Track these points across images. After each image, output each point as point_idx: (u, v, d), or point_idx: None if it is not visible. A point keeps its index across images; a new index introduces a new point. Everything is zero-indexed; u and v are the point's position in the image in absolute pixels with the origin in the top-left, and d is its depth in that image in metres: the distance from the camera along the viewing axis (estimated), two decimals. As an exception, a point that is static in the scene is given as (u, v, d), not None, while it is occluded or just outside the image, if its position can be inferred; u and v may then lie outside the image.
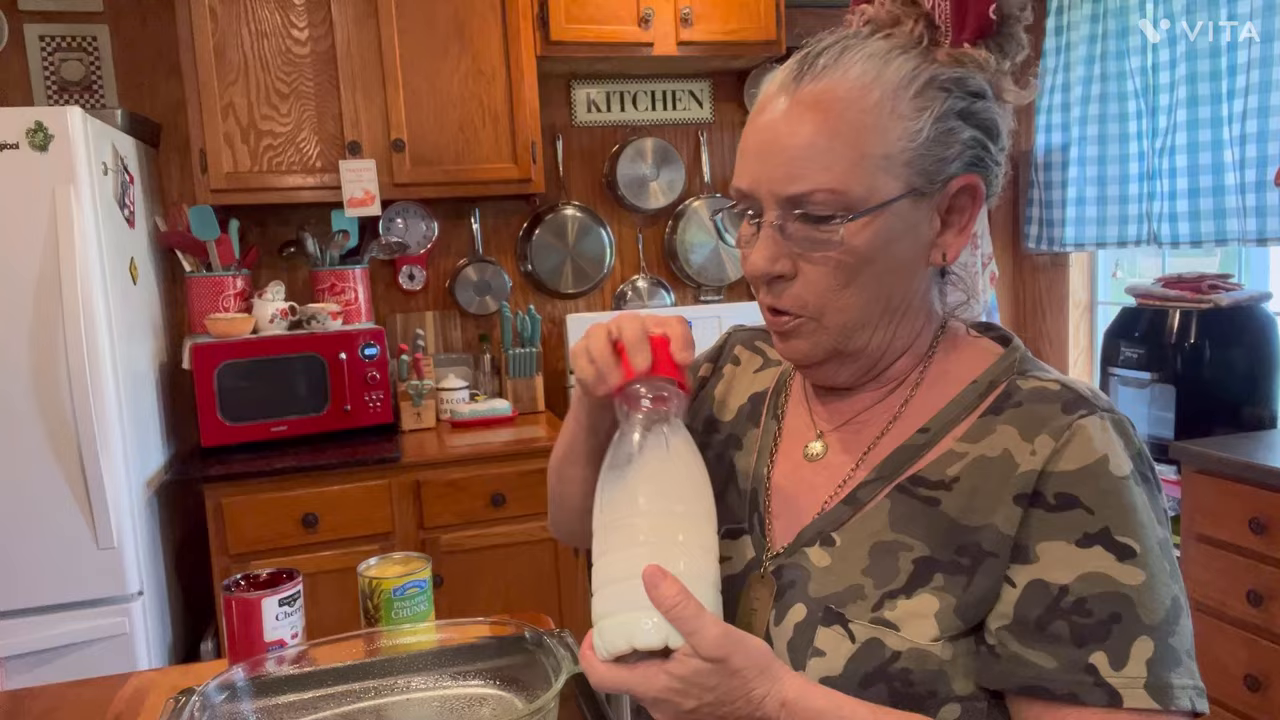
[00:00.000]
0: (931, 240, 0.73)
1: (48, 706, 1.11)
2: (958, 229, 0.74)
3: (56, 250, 1.98)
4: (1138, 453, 0.68)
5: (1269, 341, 2.37)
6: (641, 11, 2.68)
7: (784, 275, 0.73)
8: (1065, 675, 0.63)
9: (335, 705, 0.95)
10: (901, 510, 0.72)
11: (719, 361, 0.96)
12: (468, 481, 2.41)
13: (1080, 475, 0.66)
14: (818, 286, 0.72)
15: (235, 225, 2.61)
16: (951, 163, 0.71)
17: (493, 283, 3.01)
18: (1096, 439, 0.67)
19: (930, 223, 0.72)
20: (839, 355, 0.75)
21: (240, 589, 1.08)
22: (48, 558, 2.04)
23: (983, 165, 0.73)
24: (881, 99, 0.69)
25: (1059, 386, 0.71)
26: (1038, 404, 0.70)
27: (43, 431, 2.02)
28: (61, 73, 2.66)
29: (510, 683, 0.98)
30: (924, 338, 0.78)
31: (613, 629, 0.64)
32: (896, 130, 0.69)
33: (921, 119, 0.69)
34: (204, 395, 2.39)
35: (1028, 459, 0.68)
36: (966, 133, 0.71)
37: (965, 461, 0.71)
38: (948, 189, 0.72)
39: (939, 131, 0.70)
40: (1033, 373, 0.74)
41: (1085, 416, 0.68)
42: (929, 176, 0.70)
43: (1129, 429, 0.69)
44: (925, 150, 0.70)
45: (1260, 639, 2.00)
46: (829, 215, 0.69)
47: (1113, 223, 2.83)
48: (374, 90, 2.57)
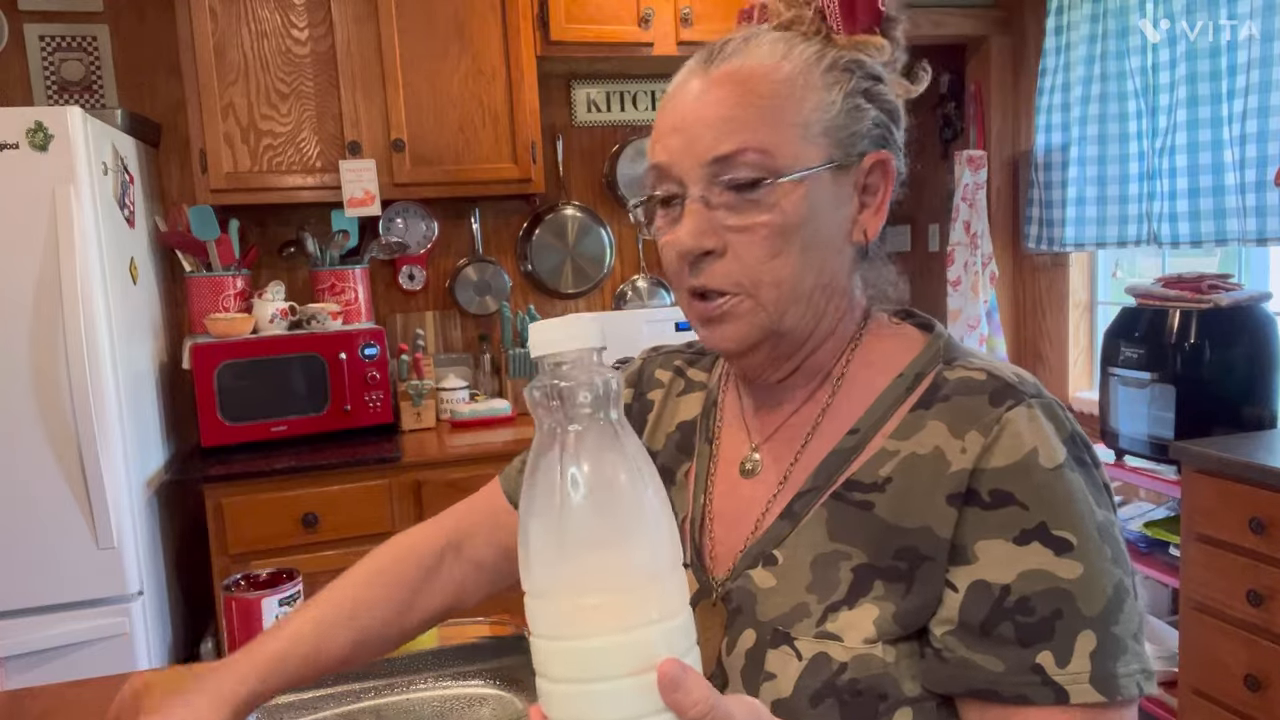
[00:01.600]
0: (852, 217, 0.73)
1: (48, 706, 1.11)
2: (874, 208, 0.74)
3: (56, 250, 1.98)
4: (1070, 436, 0.67)
5: (1269, 341, 2.37)
6: (641, 11, 2.68)
7: (713, 251, 0.71)
8: (1014, 677, 0.63)
9: (335, 705, 0.95)
10: (838, 518, 0.70)
11: (640, 387, 0.91)
12: (468, 481, 2.41)
13: (1013, 471, 0.65)
14: (749, 258, 0.70)
15: (235, 225, 2.61)
16: (863, 138, 0.72)
17: (493, 283, 3.01)
18: (1025, 431, 0.66)
19: (850, 199, 0.73)
20: (772, 337, 0.73)
21: (240, 589, 1.08)
22: (48, 558, 2.04)
23: (889, 146, 0.74)
24: (793, 72, 0.70)
25: (985, 376, 0.70)
26: (965, 396, 0.69)
27: (43, 431, 2.02)
28: (61, 73, 2.66)
29: (510, 683, 0.98)
30: (846, 325, 0.77)
31: None
32: (811, 100, 0.70)
33: (833, 92, 0.71)
34: (204, 395, 2.39)
35: (959, 457, 0.67)
36: (872, 112, 0.72)
37: (896, 460, 0.69)
38: (862, 164, 0.72)
39: (849, 107, 0.71)
40: (958, 361, 0.73)
41: (1012, 408, 0.67)
42: (845, 148, 0.71)
43: (1059, 412, 0.68)
44: (840, 122, 0.71)
45: (1260, 639, 2.00)
46: (758, 178, 0.69)
47: (1113, 223, 2.83)
48: (374, 90, 2.57)
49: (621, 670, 0.48)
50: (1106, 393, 2.56)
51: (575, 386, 0.50)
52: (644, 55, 2.74)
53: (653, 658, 0.48)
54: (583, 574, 0.50)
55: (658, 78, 3.10)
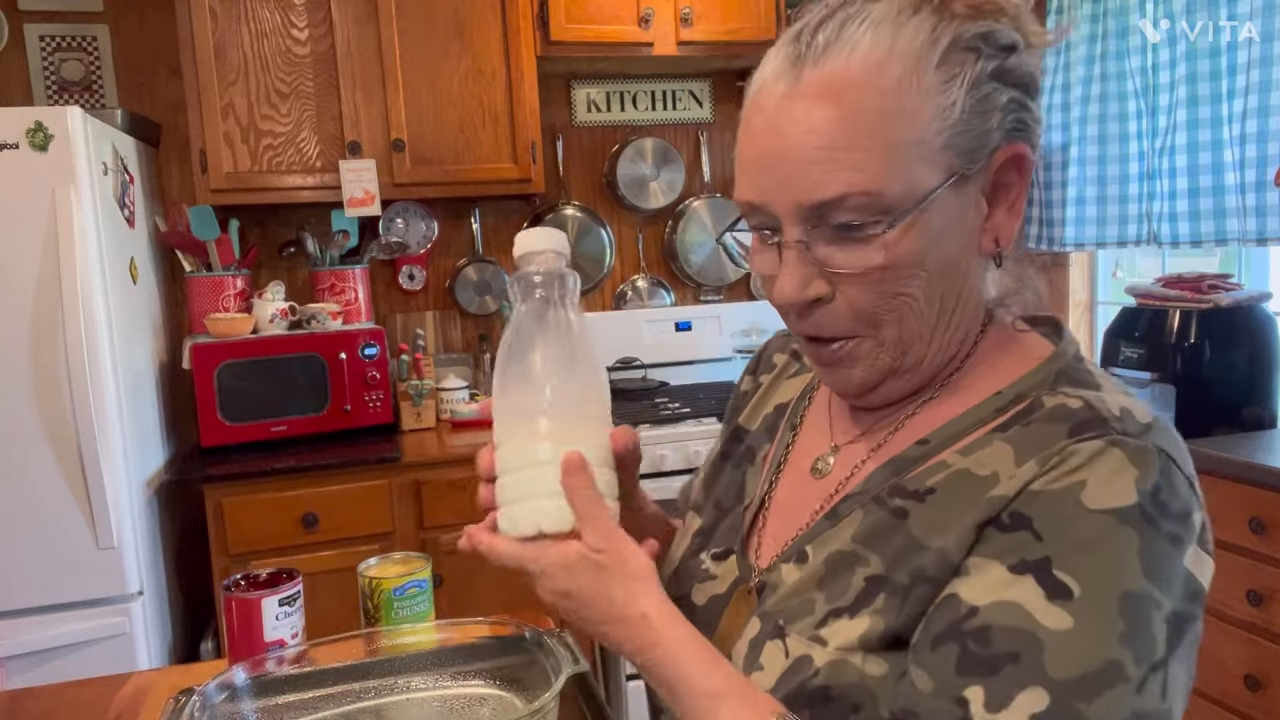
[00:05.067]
0: (979, 225, 0.64)
1: (48, 706, 1.11)
2: (1007, 207, 0.64)
3: (56, 250, 1.98)
4: (1152, 490, 0.55)
5: (1269, 341, 2.37)
6: (641, 11, 2.68)
7: (821, 299, 0.63)
8: (935, 702, 0.56)
9: (335, 705, 0.95)
10: (870, 521, 0.65)
11: (757, 372, 0.91)
12: (468, 481, 2.41)
13: (1045, 498, 0.57)
14: (863, 303, 0.63)
15: (235, 225, 2.61)
16: (993, 134, 0.61)
17: (493, 283, 3.01)
18: (1087, 464, 0.57)
19: (976, 207, 0.63)
20: (894, 374, 0.66)
21: (240, 589, 1.08)
22: (48, 558, 2.04)
23: (1025, 129, 0.63)
24: (903, 75, 0.58)
25: (1080, 404, 0.60)
26: (1047, 424, 0.60)
27: (43, 431, 2.02)
28: (61, 73, 2.66)
29: (510, 683, 0.98)
30: (970, 335, 0.68)
31: (523, 514, 0.69)
32: (927, 109, 0.59)
33: (952, 90, 0.59)
34: (204, 395, 2.39)
35: (1007, 483, 0.59)
36: (1005, 95, 0.61)
37: (948, 473, 0.63)
38: (991, 164, 0.62)
39: (974, 101, 0.60)
40: (1064, 388, 0.63)
41: (1088, 440, 0.57)
42: (970, 156, 0.60)
43: (1153, 460, 0.56)
44: (963, 127, 0.59)
45: (1260, 639, 2.00)
46: (866, 222, 0.60)
47: (1113, 223, 2.83)
48: (374, 90, 2.57)
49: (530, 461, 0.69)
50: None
51: (539, 274, 0.72)
52: (644, 55, 2.74)
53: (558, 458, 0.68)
54: (517, 397, 0.71)
55: (658, 78, 3.10)
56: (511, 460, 0.71)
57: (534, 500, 0.69)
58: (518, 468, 0.70)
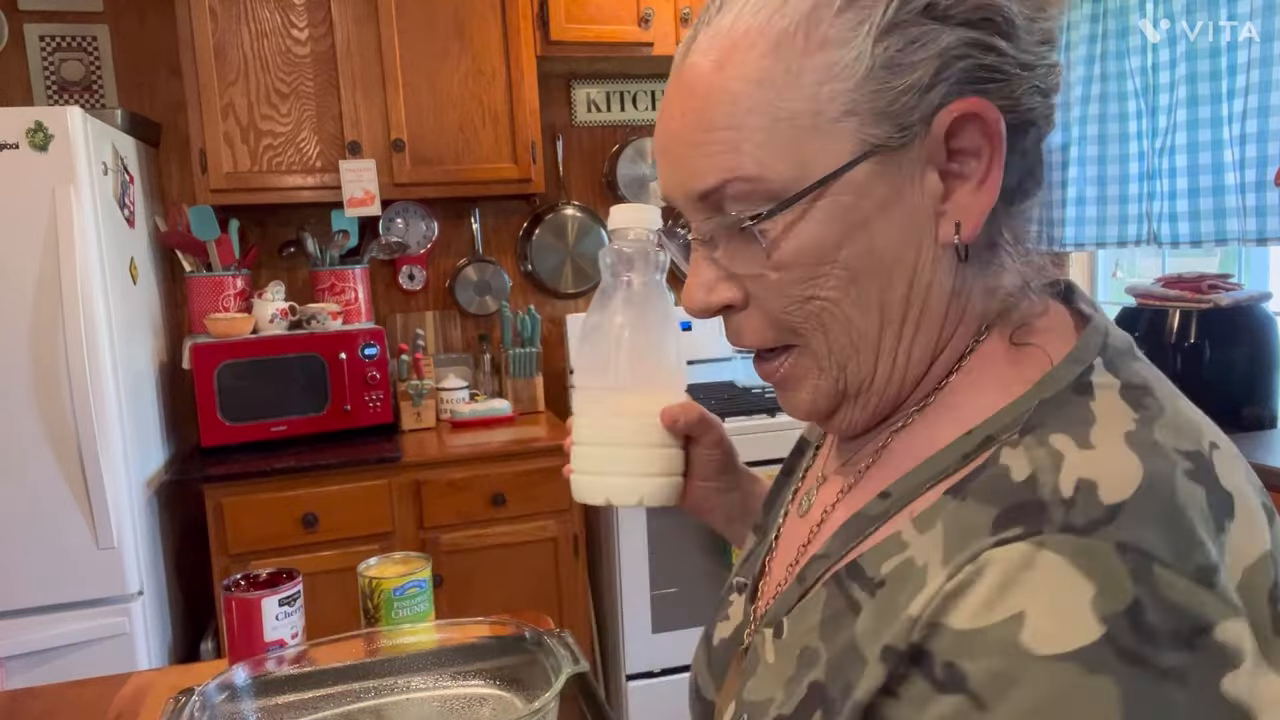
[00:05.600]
0: (931, 208, 0.50)
1: (48, 706, 1.11)
2: (975, 181, 0.49)
3: (56, 250, 1.98)
4: (1129, 609, 0.39)
5: (1269, 341, 2.37)
6: (641, 11, 2.68)
7: (733, 305, 0.55)
8: None
9: (335, 705, 0.95)
10: (832, 608, 0.52)
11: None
12: (468, 481, 2.41)
13: (980, 642, 0.41)
14: (773, 308, 0.53)
15: (235, 225, 2.61)
16: (927, 90, 0.47)
17: (493, 283, 3.01)
18: (1013, 582, 0.41)
19: (921, 184, 0.49)
20: (848, 399, 0.55)
21: (240, 589, 1.08)
22: (48, 558, 2.04)
23: (991, 79, 0.48)
24: (791, 29, 0.47)
25: (1025, 477, 0.44)
26: (980, 502, 0.46)
27: (43, 431, 2.02)
28: (61, 73, 2.66)
29: (510, 683, 0.98)
30: (956, 343, 0.54)
31: (593, 486, 0.75)
32: (820, 69, 0.47)
33: (856, 40, 0.47)
34: (204, 395, 2.39)
35: (919, 597, 0.45)
36: (945, 36, 0.47)
37: (899, 560, 0.49)
38: (933, 129, 0.48)
39: (890, 52, 0.47)
40: (1038, 431, 0.47)
41: (1010, 543, 0.42)
42: (894, 120, 0.47)
43: (1113, 566, 0.40)
44: (875, 85, 0.47)
45: (1260, 639, 2.00)
46: (752, 214, 0.50)
47: (1113, 223, 2.83)
48: (374, 90, 2.57)
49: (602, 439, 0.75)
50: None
51: (623, 251, 0.74)
52: (644, 55, 2.74)
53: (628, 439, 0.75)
54: (593, 372, 0.75)
55: (658, 78, 3.10)
56: (586, 434, 0.76)
57: (603, 477, 0.75)
58: (591, 442, 0.76)
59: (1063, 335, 0.53)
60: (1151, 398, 0.48)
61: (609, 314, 0.74)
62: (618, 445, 0.74)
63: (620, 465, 0.74)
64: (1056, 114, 0.54)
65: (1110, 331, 0.53)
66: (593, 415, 0.76)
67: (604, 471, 0.75)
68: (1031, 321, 0.53)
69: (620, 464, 0.74)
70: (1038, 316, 0.54)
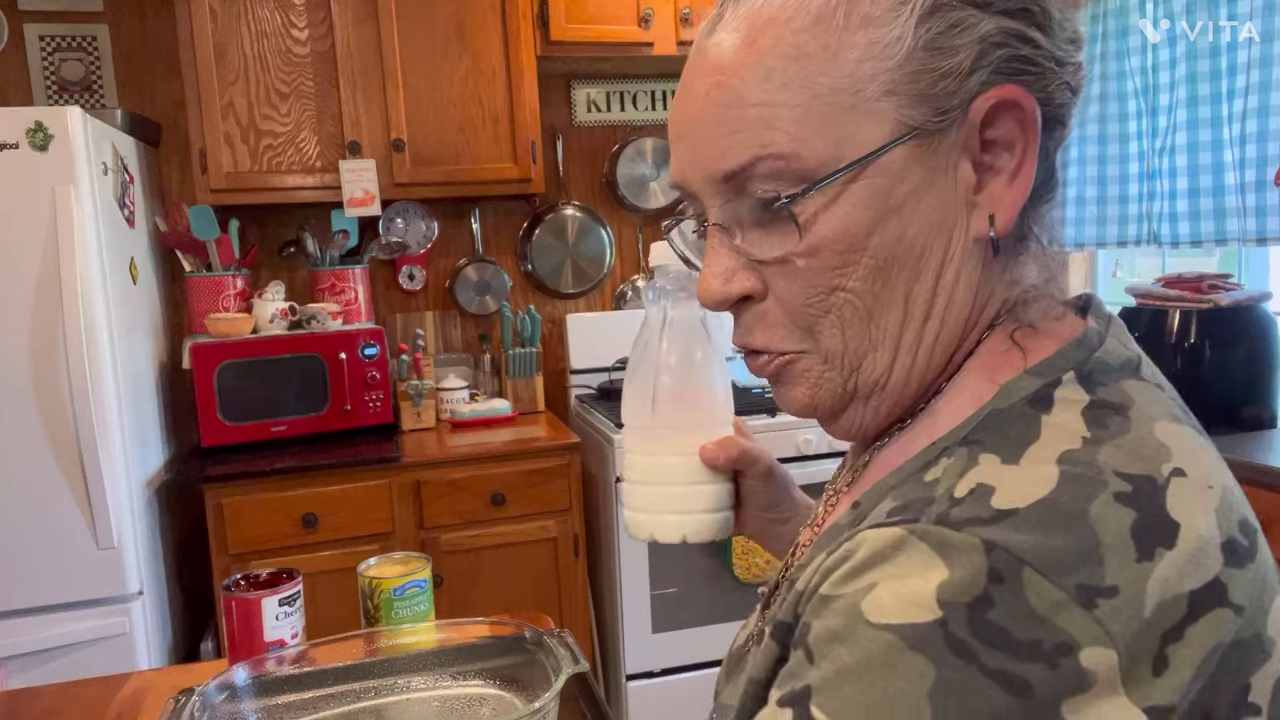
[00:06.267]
0: (964, 199, 0.49)
1: (48, 706, 1.11)
2: (1009, 173, 0.48)
3: (56, 250, 1.98)
4: (975, 603, 0.38)
5: (1269, 341, 2.37)
6: (641, 11, 2.68)
7: (751, 296, 0.52)
8: None
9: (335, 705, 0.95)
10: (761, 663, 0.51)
11: None
12: (468, 481, 2.41)
13: (830, 605, 0.42)
14: (795, 300, 0.50)
15: (235, 225, 2.61)
16: (967, 75, 0.46)
17: (493, 283, 3.01)
18: (875, 558, 0.42)
19: (955, 173, 0.48)
20: (857, 399, 0.53)
21: (240, 589, 1.08)
22: (48, 558, 2.04)
23: (1026, 70, 0.47)
24: (832, 4, 0.46)
25: (938, 474, 0.45)
26: (875, 501, 0.48)
27: (43, 431, 2.02)
28: (61, 73, 2.66)
29: (510, 683, 0.98)
30: (966, 347, 0.52)
31: (640, 524, 0.77)
32: (861, 46, 0.46)
33: (899, 21, 0.46)
34: (204, 395, 2.39)
35: (807, 571, 0.47)
36: (985, 23, 0.46)
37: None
38: (970, 115, 0.47)
39: (933, 34, 0.46)
40: (976, 447, 0.45)
41: (888, 525, 0.43)
42: (934, 104, 0.46)
43: (977, 560, 0.39)
44: (915, 66, 0.46)
45: (1260, 639, 2.00)
46: (784, 195, 0.48)
47: (1113, 223, 2.83)
48: (374, 90, 2.57)
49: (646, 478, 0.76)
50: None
51: (674, 286, 0.73)
52: (644, 55, 2.74)
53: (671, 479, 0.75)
54: (637, 410, 0.75)
55: (658, 78, 3.10)
56: (634, 472, 0.77)
57: (649, 514, 0.76)
58: (638, 480, 0.77)
59: (1056, 343, 0.50)
60: (1120, 417, 0.45)
61: (650, 350, 0.74)
62: (662, 484, 0.75)
63: (665, 504, 0.75)
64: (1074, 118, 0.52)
65: (1107, 347, 0.50)
66: (638, 453, 0.77)
67: (650, 509, 0.76)
68: (1040, 325, 0.51)
69: (665, 502, 0.75)
70: (1050, 321, 0.52)
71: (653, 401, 0.73)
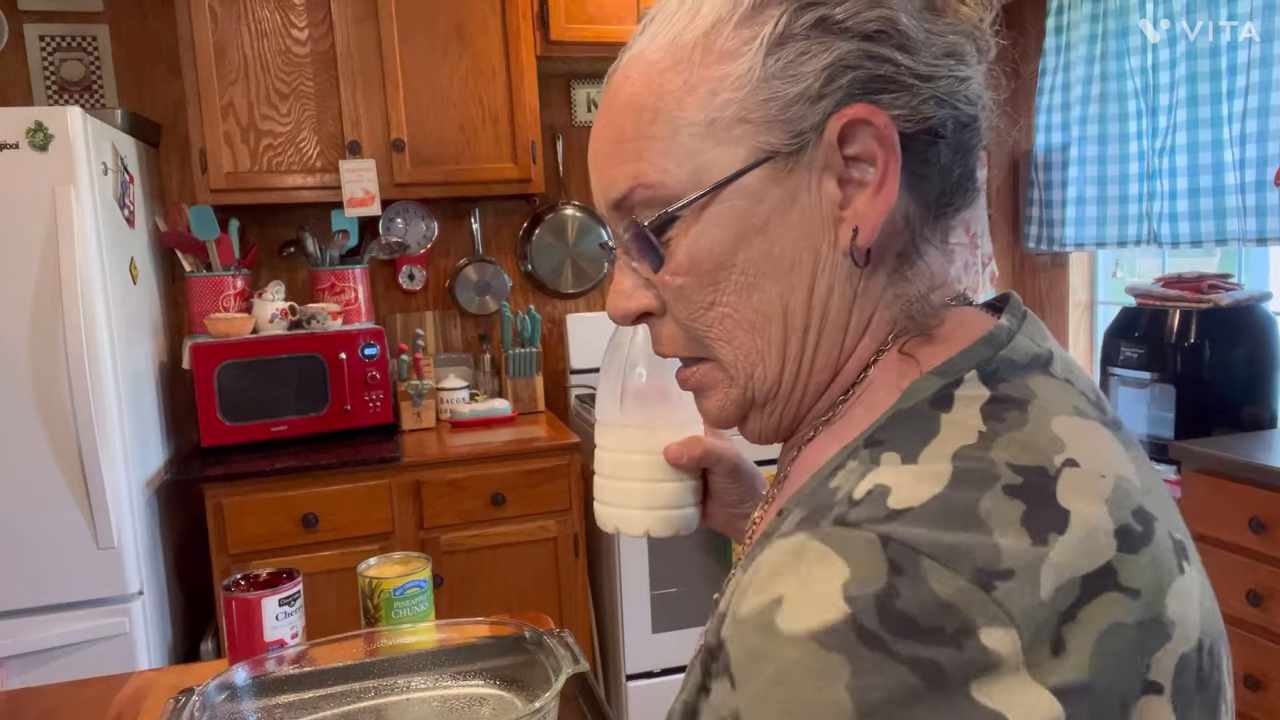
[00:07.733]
0: (831, 214, 0.51)
1: (48, 706, 1.11)
2: (873, 188, 0.50)
3: (56, 250, 1.98)
4: (880, 595, 0.39)
5: (1269, 341, 2.37)
6: (641, 11, 2.67)
7: (651, 312, 0.57)
8: None
9: (335, 705, 0.95)
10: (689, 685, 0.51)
11: None
12: (468, 481, 2.41)
13: (744, 626, 0.43)
14: (682, 316, 0.55)
15: (235, 225, 2.61)
16: (817, 99, 0.49)
17: (493, 283, 3.01)
18: (779, 568, 0.42)
19: (818, 191, 0.51)
20: (756, 407, 0.57)
21: (240, 589, 1.08)
22: (48, 558, 2.04)
23: (886, 89, 0.49)
24: (690, 44, 0.51)
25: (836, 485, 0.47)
26: (799, 511, 0.48)
27: (43, 431, 2.02)
28: (61, 73, 2.66)
29: (510, 683, 0.98)
30: (860, 355, 0.54)
31: (607, 516, 0.79)
32: (714, 80, 0.50)
33: (749, 54, 0.49)
34: (204, 395, 2.39)
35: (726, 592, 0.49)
36: (836, 48, 0.49)
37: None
38: (825, 135, 0.49)
39: (781, 63, 0.49)
40: (878, 448, 0.47)
41: (788, 535, 0.44)
42: (786, 127, 0.49)
43: (874, 553, 0.40)
44: (765, 94, 0.49)
45: (1260, 639, 2.00)
46: (650, 220, 0.52)
47: (1113, 223, 2.83)
48: (374, 90, 2.57)
49: (612, 472, 0.78)
50: (1106, 392, 2.56)
51: None
52: (644, 55, 2.74)
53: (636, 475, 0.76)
54: (606, 405, 0.77)
55: (658, 78, 3.10)
56: (604, 467, 0.79)
57: (615, 508, 0.78)
58: (606, 475, 0.79)
59: (957, 346, 0.52)
60: (1018, 412, 0.46)
61: (622, 350, 0.75)
62: (628, 480, 0.77)
63: (630, 499, 0.77)
64: (983, 128, 0.54)
65: (1015, 344, 0.51)
66: (607, 449, 0.79)
67: (616, 504, 0.78)
68: (938, 330, 0.53)
69: (630, 497, 0.77)
70: (951, 324, 0.53)
71: (621, 399, 0.76)
